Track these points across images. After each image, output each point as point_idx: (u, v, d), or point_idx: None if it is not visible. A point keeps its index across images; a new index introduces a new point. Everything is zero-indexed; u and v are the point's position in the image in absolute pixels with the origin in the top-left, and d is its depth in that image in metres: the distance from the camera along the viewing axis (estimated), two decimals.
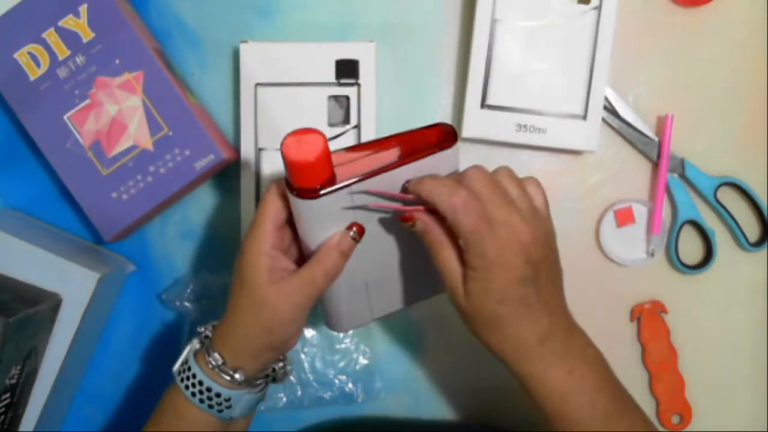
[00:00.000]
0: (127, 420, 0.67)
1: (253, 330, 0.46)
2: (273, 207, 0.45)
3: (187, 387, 0.47)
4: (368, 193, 0.44)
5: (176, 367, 0.49)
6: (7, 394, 0.57)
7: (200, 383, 0.47)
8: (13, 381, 0.57)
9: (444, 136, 0.45)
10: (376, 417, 0.66)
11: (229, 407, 0.47)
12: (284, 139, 0.41)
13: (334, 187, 0.43)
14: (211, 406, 0.47)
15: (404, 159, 0.44)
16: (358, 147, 0.45)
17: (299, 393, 0.66)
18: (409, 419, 0.66)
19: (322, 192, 0.43)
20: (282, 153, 0.41)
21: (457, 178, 0.44)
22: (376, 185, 0.44)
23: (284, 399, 0.65)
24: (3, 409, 0.57)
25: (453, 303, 0.46)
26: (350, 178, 0.43)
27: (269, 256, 0.45)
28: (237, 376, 0.47)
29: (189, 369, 0.47)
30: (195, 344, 0.49)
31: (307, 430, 0.67)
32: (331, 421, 0.67)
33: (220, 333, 0.48)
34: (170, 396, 0.49)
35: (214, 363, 0.47)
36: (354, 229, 0.46)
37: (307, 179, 0.42)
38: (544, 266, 0.44)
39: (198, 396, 0.47)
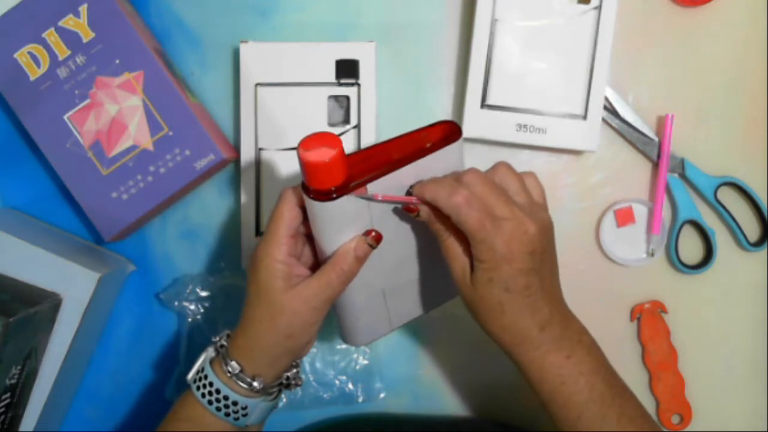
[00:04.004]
0: (126, 420, 0.67)
1: (271, 337, 0.47)
2: (287, 214, 0.46)
3: (203, 395, 0.47)
4: (378, 201, 0.45)
5: (191, 375, 0.49)
6: (7, 394, 0.57)
7: (217, 391, 0.47)
8: (13, 381, 0.57)
9: (448, 131, 0.46)
10: (376, 417, 0.66)
11: (245, 415, 0.48)
12: (301, 141, 0.42)
13: (353, 184, 0.44)
14: (227, 414, 0.47)
15: (412, 156, 0.45)
16: (368, 150, 0.46)
17: (299, 393, 0.66)
18: (409, 419, 0.66)
19: (336, 194, 0.43)
20: (298, 155, 0.42)
21: (456, 179, 0.44)
22: (388, 183, 0.44)
23: (284, 399, 0.66)
24: (3, 409, 0.57)
25: (459, 291, 0.47)
26: (363, 180, 0.44)
27: (285, 263, 0.46)
28: (255, 383, 0.47)
29: (206, 377, 0.48)
30: (210, 353, 0.49)
31: (307, 430, 0.67)
32: (331, 421, 0.67)
33: (237, 341, 0.48)
34: (184, 404, 0.49)
35: (231, 371, 0.47)
36: (372, 234, 0.46)
37: (322, 181, 0.43)
38: (545, 257, 0.46)
39: (215, 404, 0.47)
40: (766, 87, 0.65)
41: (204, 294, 0.66)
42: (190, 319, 0.66)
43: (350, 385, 0.66)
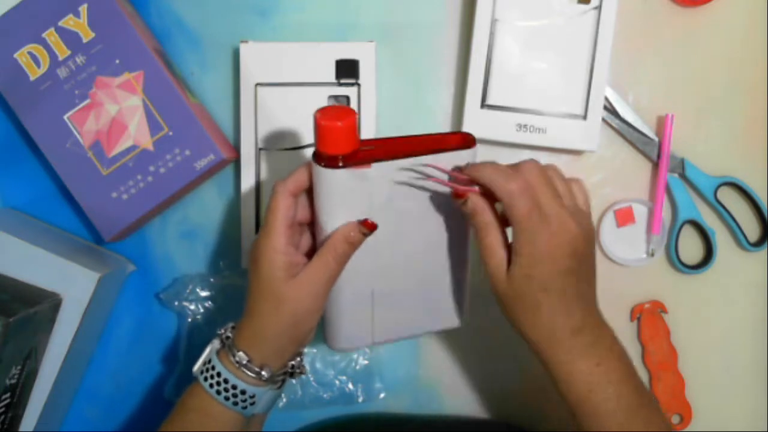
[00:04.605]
0: (126, 420, 0.67)
1: (277, 327, 0.47)
2: (283, 205, 0.47)
3: (211, 385, 0.48)
4: (423, 166, 0.46)
5: (198, 366, 0.49)
6: (7, 394, 0.57)
7: (225, 381, 0.48)
8: (13, 381, 0.57)
9: (463, 141, 0.48)
10: (376, 417, 0.66)
11: (253, 404, 0.48)
12: (318, 109, 0.44)
13: (361, 159, 0.45)
14: (236, 403, 0.48)
15: (424, 151, 0.46)
16: (382, 139, 0.47)
17: (299, 393, 0.66)
18: (409, 419, 0.66)
19: (343, 163, 0.44)
20: (314, 119, 0.44)
21: (513, 167, 0.46)
22: (392, 169, 0.45)
23: (284, 399, 0.66)
24: (3, 409, 0.57)
25: (493, 287, 0.47)
26: (370, 157, 0.45)
27: (284, 253, 0.47)
28: (263, 372, 0.48)
29: (213, 368, 0.48)
30: (216, 344, 0.50)
31: (307, 430, 0.67)
32: (331, 421, 0.67)
33: (243, 332, 0.49)
34: (192, 395, 0.49)
35: (239, 361, 0.48)
36: (366, 223, 0.47)
37: (332, 145, 0.44)
38: (585, 261, 0.46)
39: (223, 394, 0.48)
40: (766, 87, 0.65)
41: (204, 294, 0.66)
42: (190, 319, 0.66)
43: (350, 385, 0.66)
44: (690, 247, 0.66)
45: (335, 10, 0.65)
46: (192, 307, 0.65)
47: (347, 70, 0.61)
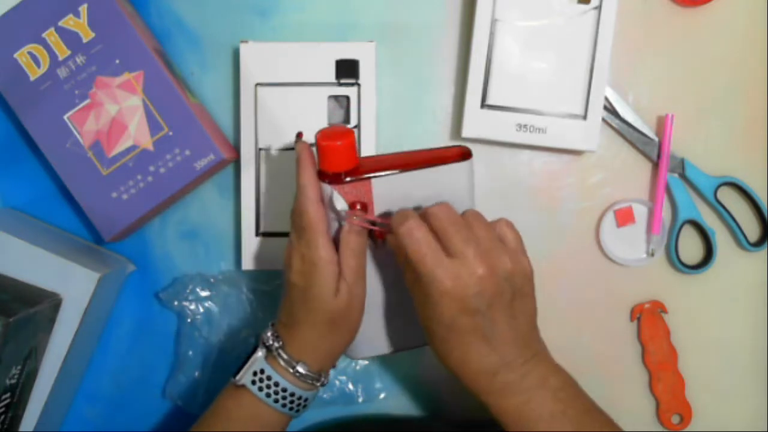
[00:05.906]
0: (127, 420, 0.67)
1: (339, 338, 0.50)
2: (319, 217, 0.48)
3: (268, 395, 0.49)
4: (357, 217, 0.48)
5: (246, 377, 0.50)
6: (7, 394, 0.57)
7: (284, 390, 0.49)
8: (13, 381, 0.57)
9: (460, 154, 0.49)
10: (376, 417, 0.66)
11: (305, 406, 0.51)
12: (319, 131, 0.48)
13: (364, 176, 0.47)
14: (291, 408, 0.50)
15: (420, 165, 0.48)
16: (381, 156, 0.50)
17: None
18: (409, 419, 0.66)
19: (346, 178, 0.47)
20: (315, 139, 0.47)
21: (423, 210, 0.46)
22: (392, 182, 0.47)
23: None
24: (3, 409, 0.57)
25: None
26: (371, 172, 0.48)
27: (334, 262, 0.48)
28: (323, 378, 0.50)
29: (269, 378, 0.49)
30: (261, 353, 0.50)
31: (307, 430, 0.67)
32: (331, 421, 0.67)
33: (301, 343, 0.49)
34: (240, 405, 0.50)
35: (300, 371, 0.49)
36: (357, 207, 0.48)
37: (334, 164, 0.47)
38: (500, 299, 0.44)
39: (281, 402, 0.49)
40: (766, 87, 0.65)
41: (204, 294, 0.66)
42: (189, 320, 0.66)
43: (350, 385, 0.66)
44: (690, 247, 0.66)
45: (335, 10, 0.65)
46: (192, 307, 0.65)
47: (347, 70, 0.61)
